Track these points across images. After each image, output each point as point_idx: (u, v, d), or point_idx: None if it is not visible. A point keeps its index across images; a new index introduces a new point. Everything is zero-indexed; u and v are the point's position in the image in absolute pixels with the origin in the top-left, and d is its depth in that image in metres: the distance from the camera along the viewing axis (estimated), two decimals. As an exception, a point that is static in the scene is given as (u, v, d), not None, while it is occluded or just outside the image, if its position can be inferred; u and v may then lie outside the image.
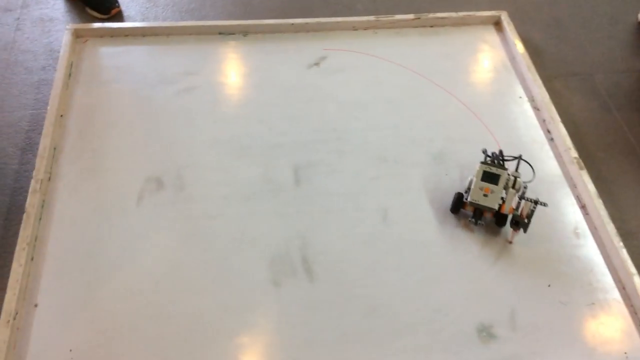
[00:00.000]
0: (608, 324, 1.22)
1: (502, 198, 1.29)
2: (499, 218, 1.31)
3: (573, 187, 1.44)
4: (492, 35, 1.80)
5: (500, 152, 1.36)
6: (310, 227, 1.31)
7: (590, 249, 1.33)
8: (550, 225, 1.36)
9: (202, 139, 1.46)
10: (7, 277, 1.15)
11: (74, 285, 1.18)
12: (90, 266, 1.21)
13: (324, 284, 1.23)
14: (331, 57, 1.68)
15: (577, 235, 1.35)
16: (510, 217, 1.30)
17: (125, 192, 1.33)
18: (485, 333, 1.18)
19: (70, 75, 1.55)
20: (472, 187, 1.30)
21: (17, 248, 1.19)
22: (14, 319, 1.10)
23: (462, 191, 1.35)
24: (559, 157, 1.50)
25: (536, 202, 1.27)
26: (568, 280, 1.27)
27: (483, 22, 1.82)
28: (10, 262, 1.17)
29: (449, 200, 1.37)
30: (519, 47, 1.71)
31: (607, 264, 1.31)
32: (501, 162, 1.35)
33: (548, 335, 1.19)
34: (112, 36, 1.68)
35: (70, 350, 1.09)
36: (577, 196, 1.42)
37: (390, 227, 1.33)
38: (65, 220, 1.28)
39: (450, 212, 1.36)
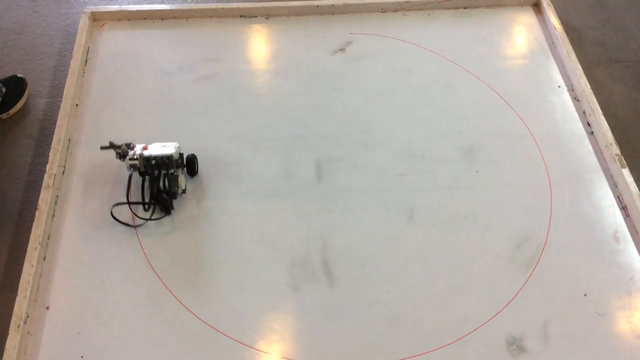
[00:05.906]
0: (648, 338, 1.14)
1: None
2: None
3: (614, 186, 1.35)
4: (530, 18, 1.68)
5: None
6: (332, 227, 1.25)
7: (630, 255, 1.25)
8: (588, 227, 1.28)
9: (220, 130, 1.39)
10: (18, 278, 1.11)
11: (87, 287, 1.14)
12: (103, 267, 1.17)
13: (345, 289, 1.17)
14: (357, 41, 1.59)
15: (616, 239, 1.27)
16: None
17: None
18: (516, 346, 1.11)
19: (86, 61, 1.50)
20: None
21: (29, 247, 1.15)
22: (25, 322, 1.07)
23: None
24: (598, 153, 1.40)
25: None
26: (606, 289, 1.19)
27: (521, 3, 1.70)
28: (22, 261, 1.14)
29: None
30: (559, 31, 1.60)
31: (649, 271, 1.23)
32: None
33: (583, 349, 1.12)
34: (129, 19, 1.61)
35: (82, 357, 1.06)
36: (618, 196, 1.33)
37: (416, 228, 1.26)
38: (79, 218, 1.24)
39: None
